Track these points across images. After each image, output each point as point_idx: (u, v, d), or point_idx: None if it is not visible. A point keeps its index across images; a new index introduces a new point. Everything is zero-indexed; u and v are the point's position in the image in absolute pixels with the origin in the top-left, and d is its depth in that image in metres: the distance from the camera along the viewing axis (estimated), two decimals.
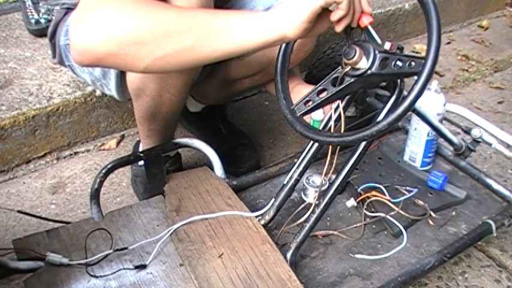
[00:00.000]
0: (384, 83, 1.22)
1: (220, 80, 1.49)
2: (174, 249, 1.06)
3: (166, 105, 1.20)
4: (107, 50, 0.88)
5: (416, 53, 2.29)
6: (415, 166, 1.38)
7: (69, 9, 1.29)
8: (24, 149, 1.51)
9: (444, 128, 1.31)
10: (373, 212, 1.20)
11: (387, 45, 0.90)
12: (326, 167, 1.07)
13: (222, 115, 1.67)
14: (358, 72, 0.90)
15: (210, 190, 1.19)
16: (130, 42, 0.87)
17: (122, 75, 1.25)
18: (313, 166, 1.18)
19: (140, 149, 1.38)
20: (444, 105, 1.33)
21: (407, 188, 1.26)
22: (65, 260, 1.00)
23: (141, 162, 1.27)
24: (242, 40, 0.87)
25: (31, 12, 1.81)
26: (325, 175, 1.10)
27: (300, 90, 1.36)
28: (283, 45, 1.03)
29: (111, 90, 1.32)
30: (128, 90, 1.23)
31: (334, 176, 1.07)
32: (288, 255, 1.04)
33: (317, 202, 1.06)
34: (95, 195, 1.12)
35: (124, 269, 1.01)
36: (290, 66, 1.17)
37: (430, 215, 1.22)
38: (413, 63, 0.88)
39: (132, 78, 1.18)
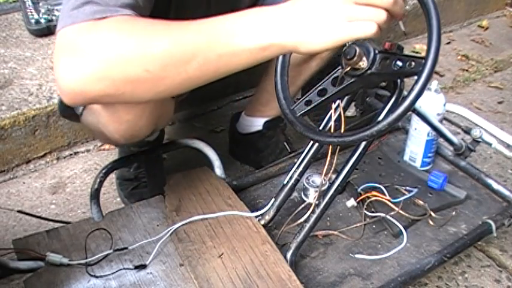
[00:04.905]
0: (384, 83, 1.22)
1: None
2: (174, 249, 1.05)
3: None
4: (99, 91, 0.76)
5: (416, 53, 2.28)
6: (415, 166, 1.38)
7: None
8: (24, 149, 1.51)
9: (444, 128, 1.31)
10: (373, 212, 1.20)
11: (387, 45, 0.90)
12: (326, 167, 1.07)
13: None
14: (358, 72, 0.90)
15: (210, 190, 1.19)
16: (125, 81, 0.75)
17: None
18: (313, 166, 1.18)
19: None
20: (444, 105, 1.33)
21: (407, 188, 1.26)
22: (65, 260, 1.00)
23: None
24: (248, 60, 0.77)
25: (31, 12, 1.81)
26: (325, 175, 1.10)
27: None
28: None
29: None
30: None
31: (334, 176, 1.07)
32: (288, 255, 1.03)
33: (317, 202, 1.06)
34: (95, 195, 1.12)
35: (124, 269, 1.01)
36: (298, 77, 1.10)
37: (430, 215, 1.22)
38: (413, 63, 0.88)
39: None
